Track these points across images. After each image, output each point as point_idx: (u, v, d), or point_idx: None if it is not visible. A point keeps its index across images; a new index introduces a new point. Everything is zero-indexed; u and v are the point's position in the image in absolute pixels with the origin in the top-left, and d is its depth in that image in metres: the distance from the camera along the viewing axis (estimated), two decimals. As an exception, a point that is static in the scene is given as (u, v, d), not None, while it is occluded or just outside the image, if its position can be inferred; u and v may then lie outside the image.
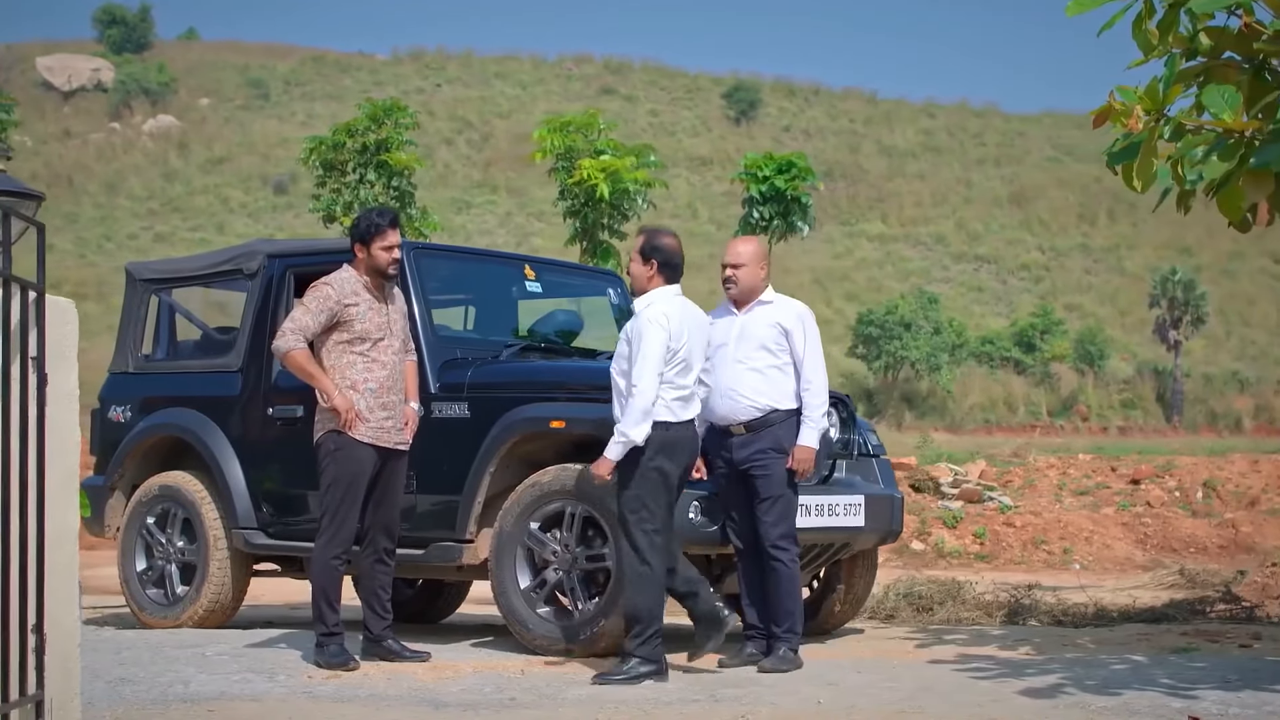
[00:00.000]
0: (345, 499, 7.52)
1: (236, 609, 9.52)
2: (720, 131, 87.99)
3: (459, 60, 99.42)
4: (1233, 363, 61.72)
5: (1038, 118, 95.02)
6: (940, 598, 10.63)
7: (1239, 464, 21.38)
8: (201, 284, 10.08)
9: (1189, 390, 56.94)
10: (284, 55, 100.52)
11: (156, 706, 6.50)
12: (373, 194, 19.58)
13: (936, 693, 6.78)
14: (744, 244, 7.98)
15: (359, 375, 7.55)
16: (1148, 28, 7.12)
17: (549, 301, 9.83)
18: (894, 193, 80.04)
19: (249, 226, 71.18)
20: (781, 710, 6.35)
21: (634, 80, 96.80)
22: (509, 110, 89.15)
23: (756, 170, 19.03)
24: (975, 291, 71.80)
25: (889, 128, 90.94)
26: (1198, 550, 18.53)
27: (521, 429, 8.12)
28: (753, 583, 7.82)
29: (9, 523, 4.63)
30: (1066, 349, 59.90)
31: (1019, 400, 57.23)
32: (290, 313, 7.57)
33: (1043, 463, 22.07)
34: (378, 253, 7.62)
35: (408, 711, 6.40)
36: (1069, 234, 76.60)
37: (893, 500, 8.82)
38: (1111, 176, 7.57)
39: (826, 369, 7.83)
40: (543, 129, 19.16)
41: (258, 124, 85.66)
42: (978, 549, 18.34)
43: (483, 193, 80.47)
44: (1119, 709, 6.30)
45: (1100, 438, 46.76)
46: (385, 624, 7.83)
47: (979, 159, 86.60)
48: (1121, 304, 68.46)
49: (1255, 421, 54.11)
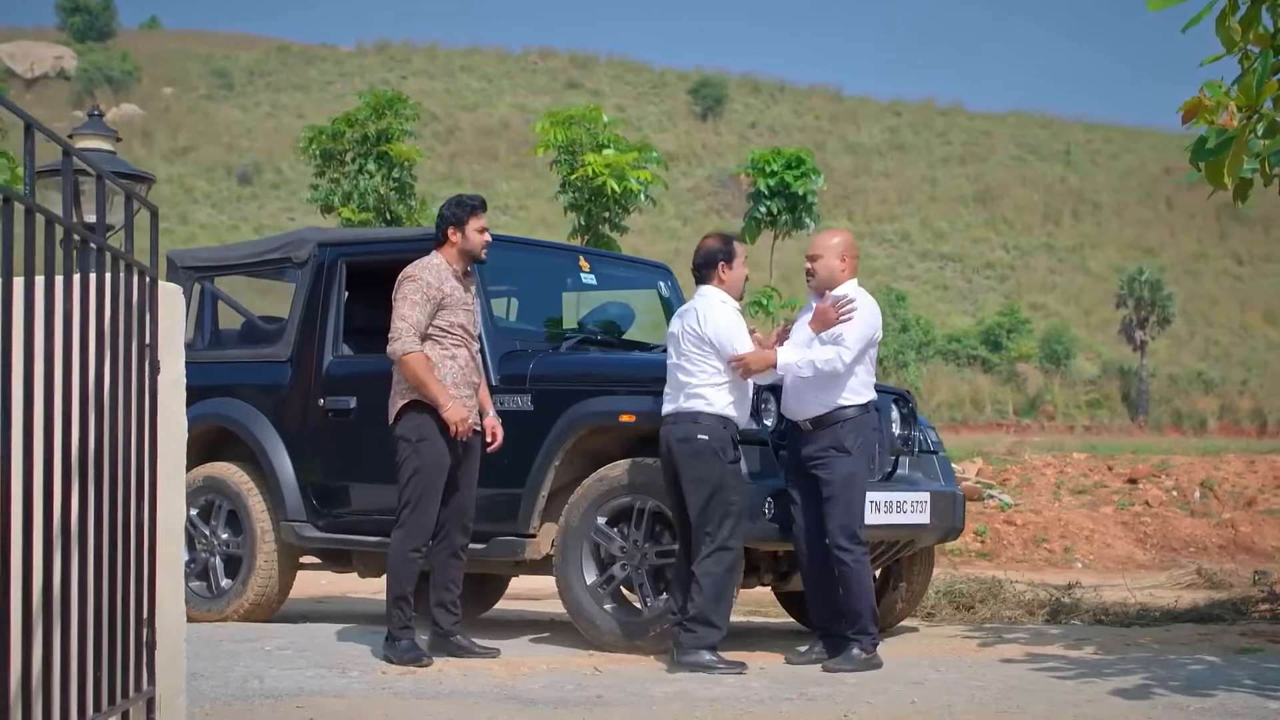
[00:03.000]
0: (427, 491, 7.39)
1: (282, 603, 9.39)
2: (686, 127, 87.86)
3: (424, 53, 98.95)
4: (1196, 363, 62.02)
5: (1003, 117, 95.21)
6: (981, 596, 10.60)
7: (1235, 464, 21.47)
8: (247, 273, 9.93)
9: (1154, 390, 57.17)
10: (248, 45, 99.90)
11: (241, 703, 6.38)
12: (372, 184, 19.42)
13: (1028, 692, 6.71)
14: (824, 236, 7.96)
15: (445, 363, 7.43)
16: (1231, 24, 7.07)
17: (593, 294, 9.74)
18: (859, 190, 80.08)
19: (212, 217, 70.71)
20: (880, 710, 6.27)
21: (599, 75, 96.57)
22: (474, 103, 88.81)
23: (765, 165, 18.93)
24: (940, 290, 71.92)
25: (854, 125, 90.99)
26: (1198, 550, 18.59)
27: (590, 422, 8.02)
28: (814, 581, 7.74)
29: (126, 515, 4.50)
30: (1033, 348, 60.05)
31: (986, 399, 57.32)
32: (396, 311, 7.37)
33: (1039, 461, 22.11)
34: (473, 235, 7.52)
35: (499, 709, 6.29)
36: (1034, 233, 76.81)
37: (955, 497, 8.76)
38: (1075, 176, 7.51)
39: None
40: (544, 122, 19.02)
41: (222, 114, 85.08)
42: (979, 547, 18.37)
43: (448, 186, 79.96)
44: (1217, 710, 6.25)
45: (1066, 437, 46.88)
46: (455, 620, 7.72)
47: (944, 157, 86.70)
48: (1086, 303, 68.70)
49: (1220, 421, 54.35)
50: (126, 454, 4.49)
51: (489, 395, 7.77)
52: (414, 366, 7.33)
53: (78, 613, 3.99)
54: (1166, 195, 79.97)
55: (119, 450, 4.40)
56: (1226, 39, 7.10)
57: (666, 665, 7.43)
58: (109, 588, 4.30)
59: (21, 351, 3.51)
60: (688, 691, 6.71)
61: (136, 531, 4.64)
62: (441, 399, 7.33)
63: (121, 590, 4.47)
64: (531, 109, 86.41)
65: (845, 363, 7.47)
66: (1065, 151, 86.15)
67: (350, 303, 9.23)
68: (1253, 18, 6.97)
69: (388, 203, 19.53)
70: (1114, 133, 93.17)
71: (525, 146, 79.28)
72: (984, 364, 59.21)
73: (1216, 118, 6.87)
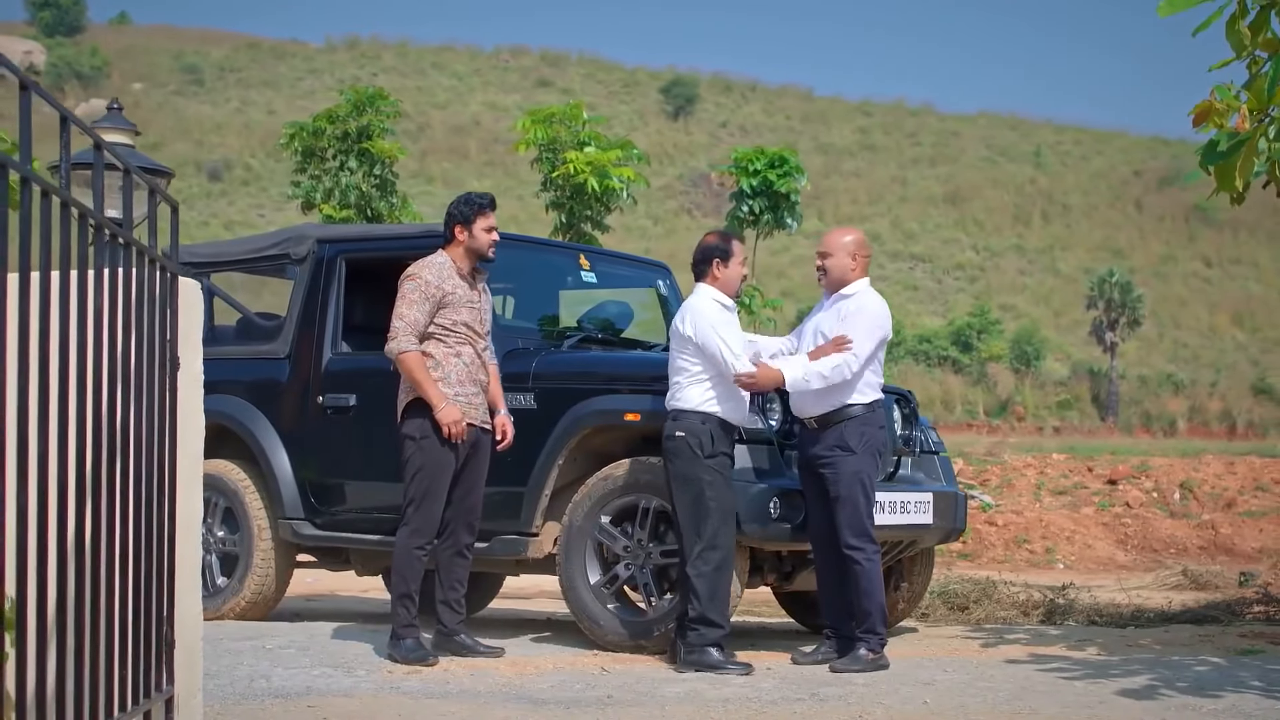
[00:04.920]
0: (431, 488, 7.36)
1: (278, 601, 9.34)
2: (657, 126, 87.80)
3: (394, 50, 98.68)
4: (1165, 365, 62.30)
5: (973, 118, 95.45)
6: (975, 596, 10.60)
7: (1214, 465, 21.55)
8: (245, 269, 9.87)
9: (1124, 392, 57.39)
10: (218, 41, 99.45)
11: (250, 702, 6.33)
12: (354, 181, 19.33)
13: (1038, 693, 6.70)
14: (836, 233, 7.94)
15: (450, 360, 7.39)
16: (1241, 28, 7.08)
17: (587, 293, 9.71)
18: (830, 190, 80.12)
19: (182, 213, 70.15)
20: (894, 711, 6.26)
21: (571, 73, 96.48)
22: (445, 101, 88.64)
23: (748, 164, 18.89)
24: (910, 290, 72.06)
25: (825, 125, 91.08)
26: (1178, 551, 18.66)
27: (594, 421, 7.99)
28: (825, 580, 7.73)
29: (149, 512, 4.45)
30: (1003, 349, 60.22)
31: (956, 399, 57.46)
32: (395, 310, 7.35)
33: (1019, 462, 22.15)
34: (480, 234, 7.48)
35: (512, 709, 6.25)
36: (1003, 234, 77.03)
37: (956, 498, 8.75)
38: (1044, 178, 7.56)
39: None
40: (526, 119, 18.95)
41: (192, 109, 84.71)
42: (960, 547, 18.39)
43: (418, 183, 79.81)
44: (1230, 712, 6.25)
45: (1036, 438, 47.03)
46: (459, 618, 7.68)
47: (914, 158, 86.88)
48: (1056, 305, 68.94)
49: (1190, 423, 54.59)
50: (149, 451, 4.44)
51: (501, 392, 7.72)
52: (409, 366, 7.32)
53: (105, 614, 3.94)
54: (1136, 197, 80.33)
55: (142, 447, 4.36)
56: (1236, 43, 7.11)
57: (675, 665, 7.40)
58: (133, 586, 4.26)
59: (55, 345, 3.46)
60: (698, 692, 6.68)
61: (158, 529, 4.60)
62: (435, 399, 7.30)
63: (144, 589, 4.43)
64: (502, 107, 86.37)
65: (852, 372, 7.45)
66: (1035, 153, 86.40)
67: (349, 300, 9.17)
68: (1262, 23, 7.00)
69: (369, 200, 19.43)
70: (1083, 135, 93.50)
71: (496, 144, 79.44)
72: (954, 365, 59.34)
73: (1227, 121, 6.89)
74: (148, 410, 4.43)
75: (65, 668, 3.65)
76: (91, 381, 3.76)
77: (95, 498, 3.84)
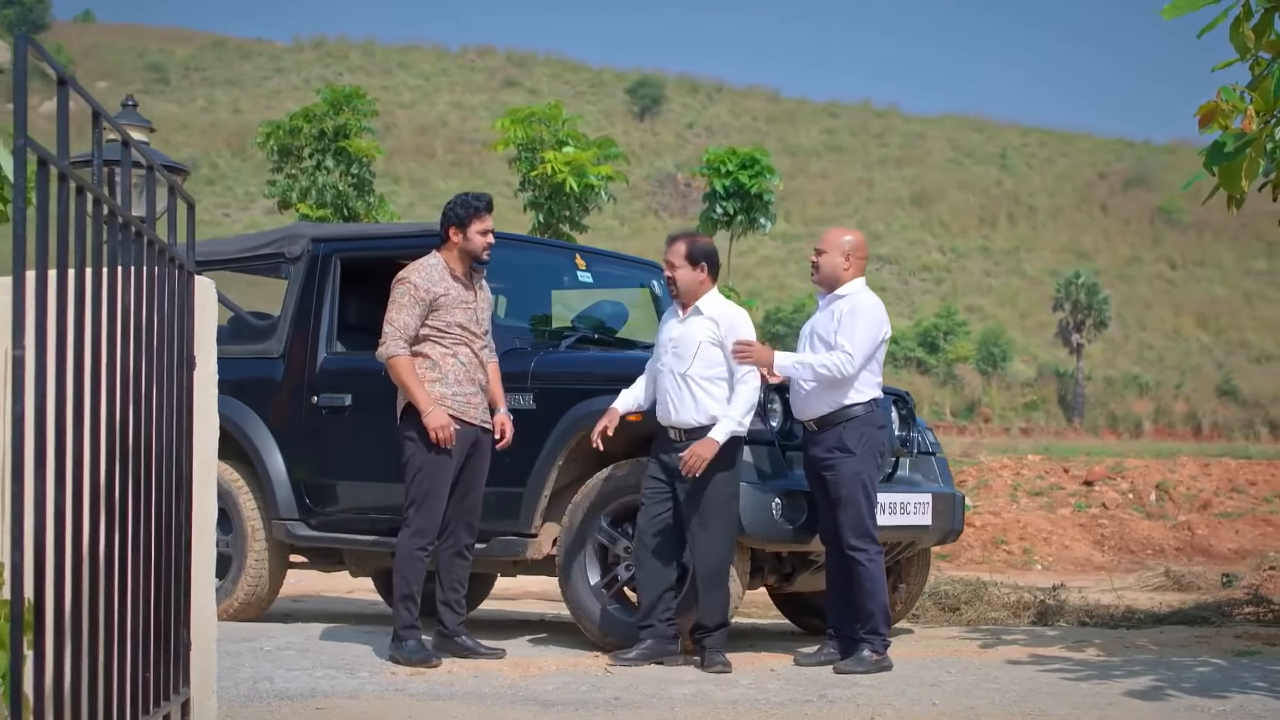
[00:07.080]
0: (432, 489, 7.31)
1: (271, 602, 9.27)
2: (624, 127, 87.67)
3: (360, 49, 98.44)
4: (1131, 366, 62.60)
5: (938, 119, 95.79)
6: (966, 597, 10.61)
7: (1189, 467, 21.64)
8: (239, 268, 9.80)
9: (1089, 393, 57.63)
10: (183, 40, 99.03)
11: (256, 704, 6.28)
12: (331, 180, 19.27)
13: (1045, 695, 6.69)
14: (835, 232, 7.95)
15: (447, 361, 7.36)
16: (1244, 30, 7.10)
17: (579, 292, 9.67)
18: (796, 191, 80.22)
19: (147, 212, 69.98)
20: (904, 712, 6.24)
21: (537, 73, 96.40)
22: (411, 101, 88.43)
23: (720, 165, 18.90)
24: (877, 291, 70.89)
25: (792, 126, 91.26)
26: (1155, 552, 18.71)
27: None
28: (831, 581, 7.72)
29: (168, 512, 4.40)
30: (970, 350, 60.41)
31: (923, 400, 57.56)
32: (386, 315, 7.32)
33: (995, 463, 22.19)
34: (475, 237, 7.43)
35: (520, 711, 6.22)
36: (969, 236, 77.34)
37: (954, 499, 8.75)
38: (1010, 180, 7.59)
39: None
40: (505, 119, 18.92)
41: (157, 108, 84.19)
42: (938, 548, 18.37)
43: (384, 183, 79.48)
44: (1238, 712, 6.25)
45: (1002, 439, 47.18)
46: (460, 619, 7.63)
47: (881, 159, 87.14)
48: (1021, 306, 69.22)
49: (1155, 425, 54.85)
50: (166, 450, 4.39)
51: (501, 391, 7.67)
52: (398, 370, 7.31)
53: (123, 616, 3.89)
54: (1101, 200, 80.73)
55: (160, 447, 4.31)
56: (1240, 45, 7.13)
57: (680, 665, 7.38)
58: (151, 588, 4.21)
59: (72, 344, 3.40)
60: (706, 693, 6.66)
61: (175, 529, 4.55)
62: (423, 404, 7.26)
63: (161, 590, 4.38)
64: (469, 107, 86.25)
65: (848, 372, 7.43)
66: (1001, 155, 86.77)
67: (344, 299, 9.11)
68: (1265, 25, 7.01)
69: (346, 199, 19.37)
70: (1048, 137, 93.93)
71: (463, 144, 79.34)
72: (920, 365, 59.49)
73: (1232, 122, 6.91)
74: (165, 409, 4.38)
75: (81, 671, 3.59)
76: (109, 382, 3.70)
77: (113, 497, 3.78)
